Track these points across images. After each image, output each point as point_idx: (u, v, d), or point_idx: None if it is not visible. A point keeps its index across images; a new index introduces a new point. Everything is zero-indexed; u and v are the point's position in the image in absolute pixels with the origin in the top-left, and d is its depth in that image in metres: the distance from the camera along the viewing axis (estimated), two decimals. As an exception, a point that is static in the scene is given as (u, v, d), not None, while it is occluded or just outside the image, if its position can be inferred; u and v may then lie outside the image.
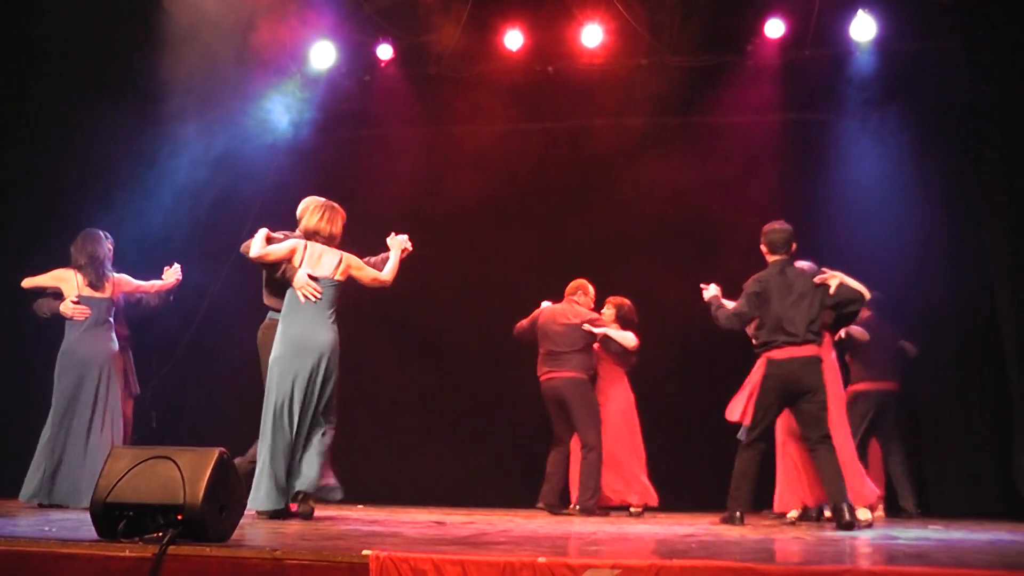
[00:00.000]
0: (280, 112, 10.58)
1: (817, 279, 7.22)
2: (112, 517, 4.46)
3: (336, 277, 6.96)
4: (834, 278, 7.20)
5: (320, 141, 10.75)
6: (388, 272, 7.25)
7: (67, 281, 8.05)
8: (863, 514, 7.17)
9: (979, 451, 9.66)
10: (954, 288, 9.82)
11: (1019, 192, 9.23)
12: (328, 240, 7.06)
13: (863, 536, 6.33)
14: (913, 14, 9.84)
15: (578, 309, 8.84)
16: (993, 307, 9.40)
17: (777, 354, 7.15)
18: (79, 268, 8.06)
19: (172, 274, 8.57)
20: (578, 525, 6.85)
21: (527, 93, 10.62)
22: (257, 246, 6.99)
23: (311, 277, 6.89)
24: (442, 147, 10.83)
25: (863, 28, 9.86)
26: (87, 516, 4.59)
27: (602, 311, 8.97)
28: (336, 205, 7.19)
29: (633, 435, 8.94)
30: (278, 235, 7.14)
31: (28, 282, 8.06)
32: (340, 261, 7.01)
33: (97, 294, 8.09)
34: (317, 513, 7.16)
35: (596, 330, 8.72)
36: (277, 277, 7.05)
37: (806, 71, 10.25)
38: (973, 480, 9.63)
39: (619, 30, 10.25)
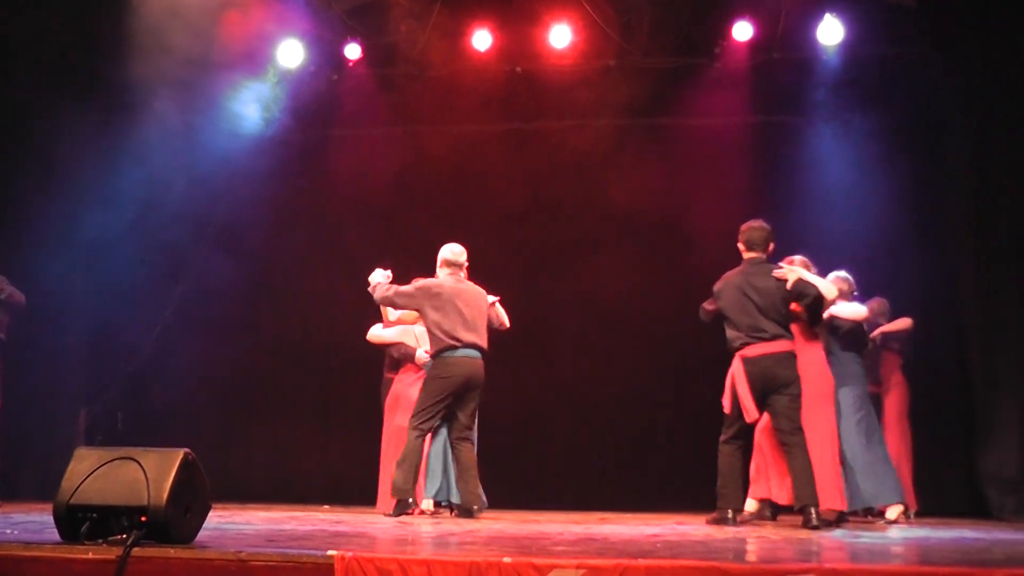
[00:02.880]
0: (247, 111, 10.54)
1: (775, 274, 7.25)
2: (75, 519, 4.42)
3: None
4: (791, 273, 7.22)
5: (288, 140, 10.72)
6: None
7: None
8: (826, 515, 7.15)
9: (943, 451, 9.73)
10: (919, 292, 9.86)
11: (985, 198, 9.32)
12: None
13: (827, 535, 6.37)
14: (880, 19, 9.91)
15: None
16: (958, 312, 9.49)
17: (749, 351, 7.16)
18: None
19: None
20: (544, 525, 6.86)
21: (495, 94, 10.61)
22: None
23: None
24: (410, 147, 10.81)
25: (830, 32, 9.91)
26: (50, 518, 4.55)
27: None
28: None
29: None
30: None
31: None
32: None
33: None
34: (282, 515, 7.15)
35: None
36: None
37: (774, 74, 10.29)
38: (937, 479, 9.70)
39: (588, 31, 10.26)
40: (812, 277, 7.24)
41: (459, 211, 10.78)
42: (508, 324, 8.14)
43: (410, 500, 7.71)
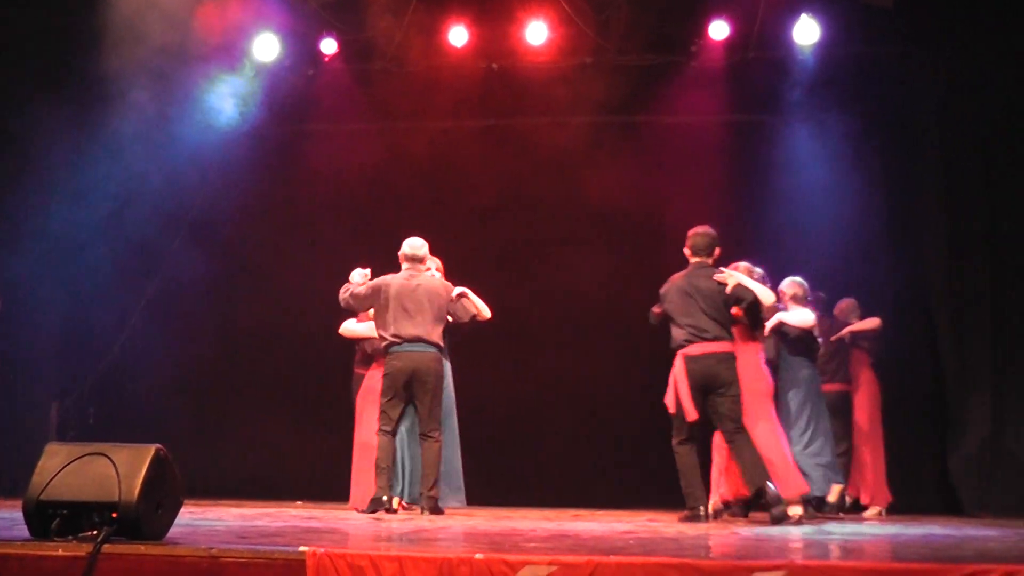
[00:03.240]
0: (223, 105, 10.49)
1: (716, 277, 7.40)
2: (45, 515, 4.40)
3: None
4: (731, 278, 7.38)
5: (263, 135, 10.67)
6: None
7: None
8: (794, 510, 7.22)
9: (914, 447, 9.80)
10: (892, 290, 9.94)
11: (957, 197, 9.40)
12: None
13: (798, 531, 6.41)
14: (856, 19, 9.94)
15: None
16: (930, 310, 9.55)
17: (691, 350, 7.31)
18: None
19: None
20: (517, 522, 6.86)
21: (472, 90, 10.60)
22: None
23: None
24: (386, 143, 10.78)
25: (806, 32, 9.94)
26: (20, 515, 4.52)
27: None
28: None
29: None
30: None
31: None
32: None
33: None
34: (254, 511, 7.14)
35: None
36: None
37: (750, 73, 10.32)
38: (908, 475, 9.77)
39: (564, 28, 10.25)
40: (750, 282, 7.40)
41: (435, 207, 10.77)
42: (487, 314, 8.13)
43: (383, 499, 7.71)
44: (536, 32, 10.26)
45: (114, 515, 4.32)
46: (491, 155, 10.71)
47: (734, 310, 7.40)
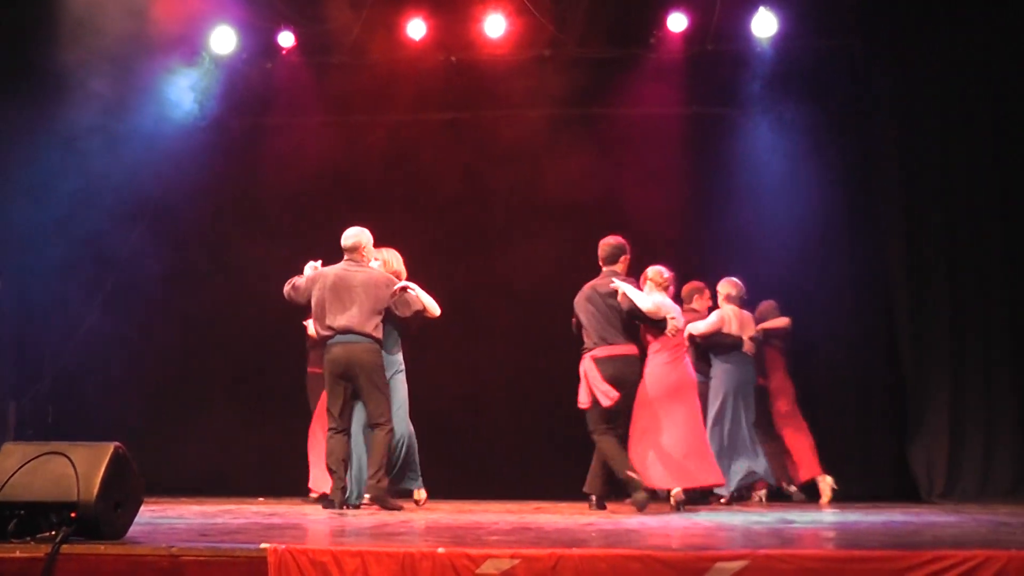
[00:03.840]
0: (180, 98, 10.40)
1: (611, 286, 7.88)
2: (2, 517, 4.36)
3: None
4: (619, 287, 7.84)
5: (221, 128, 10.58)
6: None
7: None
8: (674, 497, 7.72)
9: (874, 435, 9.89)
10: (852, 280, 10.04)
11: (914, 188, 9.49)
12: None
13: (761, 520, 6.45)
14: (814, 12, 9.99)
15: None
16: (889, 300, 9.64)
17: (599, 352, 7.81)
18: None
19: None
20: (479, 515, 6.87)
21: (430, 83, 10.56)
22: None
23: None
24: (345, 135, 10.71)
25: (764, 24, 9.97)
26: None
27: None
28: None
29: None
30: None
31: None
32: None
33: None
34: (215, 508, 7.10)
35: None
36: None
37: (709, 65, 10.34)
38: (868, 463, 9.87)
39: (522, 20, 10.22)
40: (631, 291, 7.80)
41: (394, 200, 10.74)
42: (436, 311, 8.05)
43: (336, 501, 7.76)
44: (494, 25, 10.23)
45: (73, 515, 4.29)
46: (450, 148, 10.70)
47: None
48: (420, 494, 8.14)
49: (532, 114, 10.40)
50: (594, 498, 7.97)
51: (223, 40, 10.38)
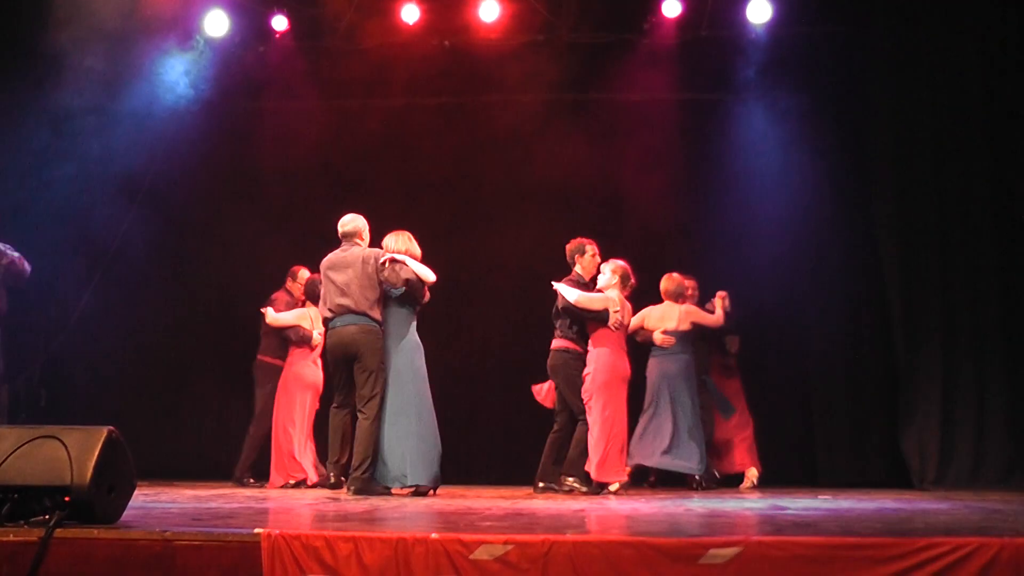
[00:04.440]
0: (172, 81, 10.35)
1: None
2: (-5, 500, 4.35)
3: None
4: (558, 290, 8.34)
5: (213, 112, 10.52)
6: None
7: None
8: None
9: (867, 423, 9.91)
10: (845, 267, 10.03)
11: (906, 176, 9.48)
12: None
13: (753, 507, 6.47)
14: (808, -2, 10.00)
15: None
16: (882, 286, 9.65)
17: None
18: None
19: None
20: (472, 501, 6.87)
21: (424, 68, 10.52)
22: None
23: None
24: (337, 120, 10.68)
25: (758, 10, 9.96)
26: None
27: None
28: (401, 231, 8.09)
29: None
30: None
31: None
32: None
33: None
34: (208, 492, 7.09)
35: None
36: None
37: (703, 52, 10.32)
38: (861, 451, 9.89)
39: (516, 5, 10.20)
40: (563, 289, 8.29)
41: (387, 184, 10.72)
42: (430, 277, 7.90)
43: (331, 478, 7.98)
44: (488, 9, 10.20)
45: (66, 499, 4.28)
46: (443, 132, 10.68)
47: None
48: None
49: (525, 99, 10.38)
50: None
51: (216, 23, 10.33)
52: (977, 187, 9.35)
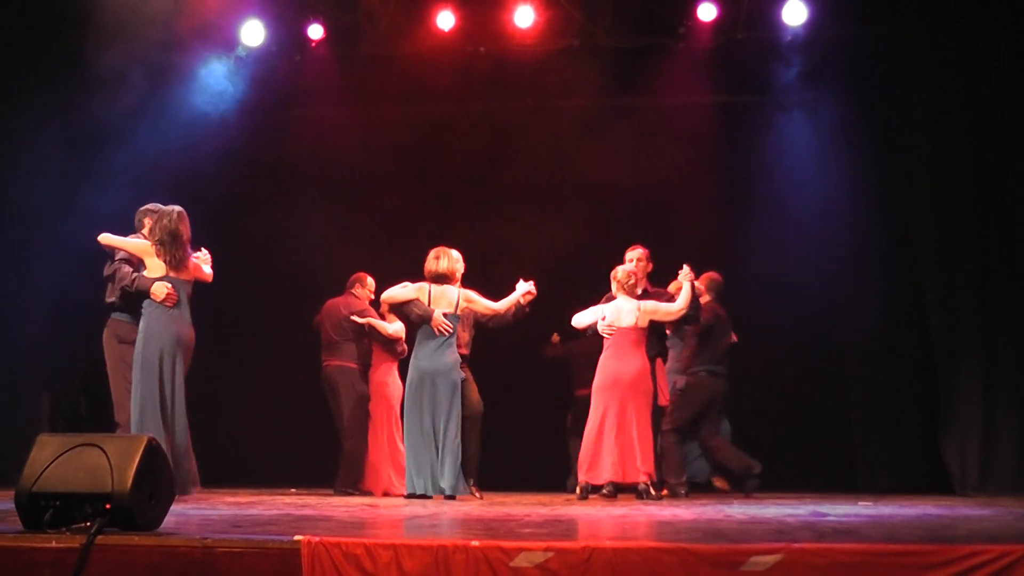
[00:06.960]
0: (210, 91, 10.42)
1: None
2: (38, 507, 4.36)
3: (457, 312, 8.10)
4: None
5: (250, 121, 10.58)
6: (503, 304, 8.32)
7: (150, 255, 7.57)
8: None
9: (907, 428, 9.84)
10: (885, 273, 9.97)
11: (946, 180, 9.38)
12: (446, 279, 8.12)
13: (794, 513, 6.41)
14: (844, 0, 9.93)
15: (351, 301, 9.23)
16: (921, 291, 9.56)
17: None
18: (160, 244, 7.56)
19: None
20: (511, 507, 6.86)
21: (458, 75, 10.52)
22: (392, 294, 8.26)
23: (443, 315, 8.04)
24: (372, 128, 10.71)
25: (794, 12, 9.91)
26: (12, 506, 4.48)
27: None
28: (447, 248, 8.25)
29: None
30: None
31: (107, 239, 7.65)
32: (458, 297, 8.12)
33: (180, 276, 7.66)
34: (247, 499, 7.11)
35: (361, 320, 9.16)
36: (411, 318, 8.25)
37: (739, 54, 10.27)
38: (900, 456, 9.81)
39: (551, 11, 10.19)
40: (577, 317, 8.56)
41: (424, 192, 10.76)
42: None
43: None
44: (523, 15, 10.21)
45: (107, 506, 4.29)
46: (478, 139, 10.67)
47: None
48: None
49: (562, 105, 10.37)
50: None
51: (253, 33, 10.40)
52: (1020, 189, 9.22)
